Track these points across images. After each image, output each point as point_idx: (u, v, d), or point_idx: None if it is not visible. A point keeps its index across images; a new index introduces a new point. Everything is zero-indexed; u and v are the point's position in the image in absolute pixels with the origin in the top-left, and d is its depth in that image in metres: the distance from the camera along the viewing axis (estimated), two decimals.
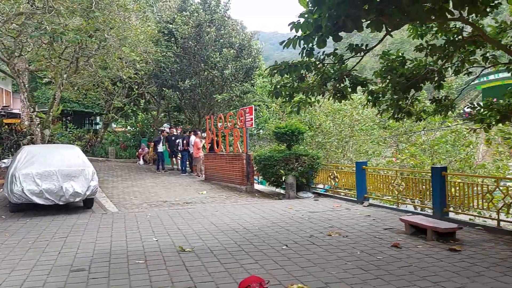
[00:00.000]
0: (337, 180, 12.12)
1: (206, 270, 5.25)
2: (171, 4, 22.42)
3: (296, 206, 10.29)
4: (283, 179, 12.13)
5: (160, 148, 18.64)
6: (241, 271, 5.15)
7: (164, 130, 19.80)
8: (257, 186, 14.77)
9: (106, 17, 14.01)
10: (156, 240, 6.87)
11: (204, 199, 11.67)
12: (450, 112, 8.65)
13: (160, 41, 20.55)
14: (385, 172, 11.13)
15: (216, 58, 19.74)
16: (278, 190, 13.32)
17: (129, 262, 5.67)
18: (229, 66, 19.94)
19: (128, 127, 30.17)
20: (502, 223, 7.26)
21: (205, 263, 5.52)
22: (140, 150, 22.83)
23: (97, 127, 31.43)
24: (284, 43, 5.82)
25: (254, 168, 13.57)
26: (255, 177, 15.96)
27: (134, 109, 27.68)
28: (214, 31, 19.84)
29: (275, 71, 6.29)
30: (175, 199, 11.67)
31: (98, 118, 34.71)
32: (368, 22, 5.33)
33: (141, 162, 21.98)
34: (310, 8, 5.49)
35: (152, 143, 20.75)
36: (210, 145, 16.68)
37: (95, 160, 21.36)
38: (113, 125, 33.72)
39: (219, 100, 20.41)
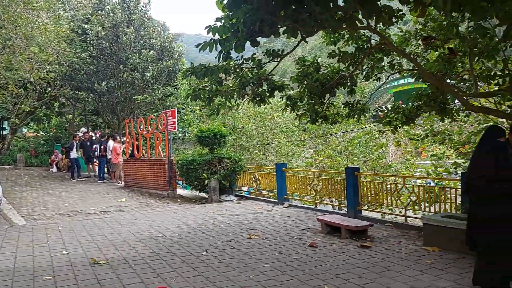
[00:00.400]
0: (259, 182, 12.29)
1: (121, 282, 5.01)
2: (86, 2, 21.26)
3: (219, 210, 10.25)
4: (206, 183, 12.03)
5: (74, 154, 17.56)
6: (158, 281, 4.99)
7: (77, 134, 18.71)
8: (180, 191, 14.51)
9: (12, 14, 12.92)
10: (67, 253, 6.44)
11: (123, 207, 11.19)
12: (362, 115, 9.14)
13: (74, 41, 19.41)
14: (304, 174, 11.48)
15: (136, 59, 19.09)
16: (201, 194, 13.19)
17: (35, 278, 5.25)
18: (150, 68, 19.38)
19: (41, 132, 28.09)
20: (409, 219, 7.80)
21: (120, 275, 5.27)
22: (53, 156, 21.40)
23: (4, 132, 28.85)
24: (200, 46, 5.74)
25: (177, 173, 13.33)
26: (179, 182, 15.68)
27: (47, 112, 25.83)
28: (132, 32, 19.17)
29: (190, 73, 6.19)
30: (91, 208, 11.05)
31: (6, 123, 31.88)
32: (284, 28, 5.45)
33: (54, 169, 20.60)
34: (227, 12, 5.49)
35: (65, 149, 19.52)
36: (130, 150, 16.08)
37: (1, 168, 19.62)
38: (24, 130, 31.19)
39: (140, 102, 19.75)
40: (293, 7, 5.22)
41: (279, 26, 5.50)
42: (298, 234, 7.34)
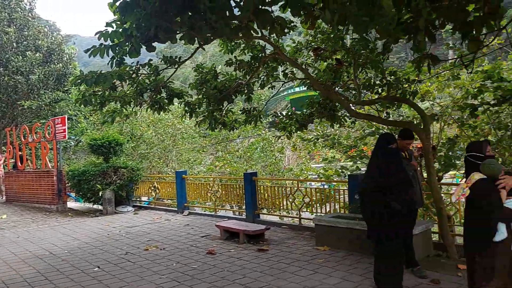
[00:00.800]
0: (158, 191, 11.96)
1: None
2: None
3: (114, 222, 9.75)
4: (100, 195, 11.37)
5: None
6: None
7: None
8: (72, 204, 13.55)
9: None
10: None
11: (3, 225, 10.06)
12: (259, 122, 9.39)
13: None
14: (205, 180, 11.44)
15: (19, 62, 17.43)
16: (95, 206, 12.43)
17: None
18: (35, 71, 17.84)
19: None
20: (303, 221, 8.17)
21: None
22: None
23: None
24: (89, 52, 5.39)
25: (67, 185, 12.40)
26: (71, 195, 14.64)
27: None
28: (14, 32, 17.50)
29: (80, 81, 5.79)
30: None
31: None
32: (181, 34, 5.38)
33: None
34: (120, 16, 5.24)
35: None
36: (13, 161, 14.57)
37: None
38: None
39: (24, 108, 18.05)
40: (190, 13, 5.19)
41: (176, 32, 5.43)
42: (197, 242, 7.26)
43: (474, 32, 4.48)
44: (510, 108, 7.13)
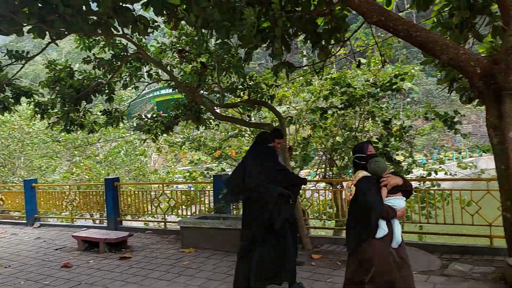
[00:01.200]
0: (2, 203, 10.58)
1: None
2: None
3: None
4: None
5: None
6: None
7: None
8: None
9: None
10: None
11: None
12: (122, 124, 8.96)
13: None
14: (61, 188, 10.49)
15: None
16: None
17: None
18: None
19: None
20: (169, 224, 8.05)
21: None
22: None
23: None
24: None
25: None
26: None
27: None
28: None
29: None
30: None
31: None
32: (30, 27, 4.89)
33: None
34: None
35: None
36: None
37: None
38: None
39: None
40: (40, 5, 4.73)
41: (23, 25, 4.93)
42: (50, 255, 6.59)
43: (323, 42, 5.02)
44: (353, 112, 8.09)
